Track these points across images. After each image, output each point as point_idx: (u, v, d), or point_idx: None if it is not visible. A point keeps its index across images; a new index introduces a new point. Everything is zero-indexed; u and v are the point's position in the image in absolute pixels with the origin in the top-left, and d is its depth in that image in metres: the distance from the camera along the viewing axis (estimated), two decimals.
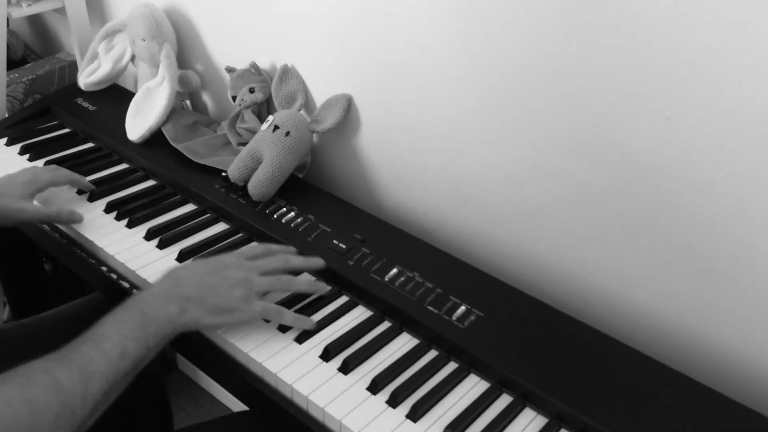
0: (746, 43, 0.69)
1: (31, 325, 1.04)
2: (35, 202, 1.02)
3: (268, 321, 0.84)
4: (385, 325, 0.86)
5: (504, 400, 0.77)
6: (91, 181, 1.09)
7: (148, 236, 0.98)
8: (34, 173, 1.01)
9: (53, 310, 1.07)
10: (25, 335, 1.01)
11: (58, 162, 1.15)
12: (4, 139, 1.21)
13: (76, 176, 1.06)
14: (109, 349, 0.70)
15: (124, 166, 1.16)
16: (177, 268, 0.82)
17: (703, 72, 0.72)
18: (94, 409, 0.68)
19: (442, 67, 0.94)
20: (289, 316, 0.83)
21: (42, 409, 0.63)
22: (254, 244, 0.88)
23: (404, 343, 0.84)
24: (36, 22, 1.71)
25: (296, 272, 0.89)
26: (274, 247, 0.89)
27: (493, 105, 0.91)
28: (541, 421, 0.75)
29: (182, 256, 0.95)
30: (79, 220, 1.00)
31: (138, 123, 1.17)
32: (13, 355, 0.98)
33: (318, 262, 0.89)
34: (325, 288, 0.88)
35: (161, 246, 0.97)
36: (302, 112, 1.11)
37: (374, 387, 0.77)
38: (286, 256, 0.87)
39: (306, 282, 0.88)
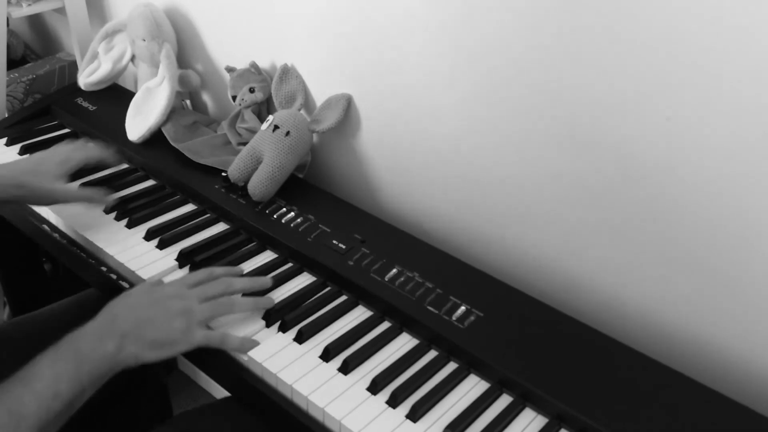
0: (746, 43, 0.69)
1: (25, 322, 1.04)
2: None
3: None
4: (385, 325, 0.86)
5: (504, 400, 0.77)
6: (90, 182, 1.09)
7: (148, 236, 0.98)
8: (67, 154, 1.01)
9: (48, 307, 1.07)
10: (19, 333, 1.01)
11: None
12: (4, 139, 1.21)
13: (106, 153, 1.07)
14: (40, 390, 0.67)
15: (124, 165, 1.16)
16: (114, 303, 0.79)
17: (703, 72, 0.72)
18: None
19: (443, 68, 0.94)
20: (233, 341, 0.80)
21: None
22: (197, 271, 0.86)
23: (404, 343, 0.84)
24: (36, 22, 1.71)
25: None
26: (216, 270, 0.87)
27: (493, 105, 0.91)
28: (541, 421, 0.75)
29: (182, 257, 0.95)
30: (114, 201, 1.00)
31: (138, 123, 1.17)
32: (8, 352, 0.98)
33: (265, 281, 0.88)
34: (271, 302, 0.86)
35: (161, 246, 0.97)
36: (302, 111, 1.11)
37: (374, 387, 0.77)
38: (228, 279, 0.85)
39: (249, 302, 0.85)
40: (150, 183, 1.12)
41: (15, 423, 0.64)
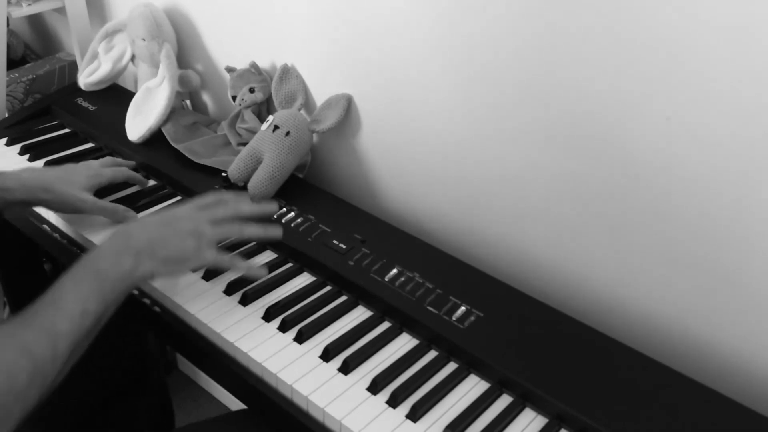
0: (746, 43, 0.69)
1: None
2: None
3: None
4: (385, 325, 0.86)
5: (504, 400, 0.77)
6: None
7: None
8: (97, 169, 1.03)
9: None
10: None
11: (59, 161, 1.15)
12: (4, 139, 1.21)
13: (134, 174, 1.08)
14: (70, 309, 0.71)
15: (150, 183, 1.15)
16: (126, 224, 0.84)
17: (703, 72, 0.72)
18: (62, 368, 0.70)
19: (443, 67, 0.94)
20: (242, 266, 0.85)
21: (15, 372, 0.64)
22: (207, 195, 0.89)
23: (404, 343, 0.84)
24: (36, 22, 1.71)
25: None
26: (226, 195, 0.90)
27: (493, 105, 0.91)
28: (541, 421, 0.75)
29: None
30: (133, 216, 1.01)
31: (138, 123, 1.17)
32: None
33: (272, 208, 0.92)
34: (278, 231, 0.89)
35: None
36: (302, 112, 1.11)
37: (374, 387, 0.77)
38: (236, 204, 0.88)
39: (257, 228, 0.88)
40: (150, 183, 1.12)
41: (53, 342, 0.68)
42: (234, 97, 1.16)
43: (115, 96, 1.31)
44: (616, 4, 0.75)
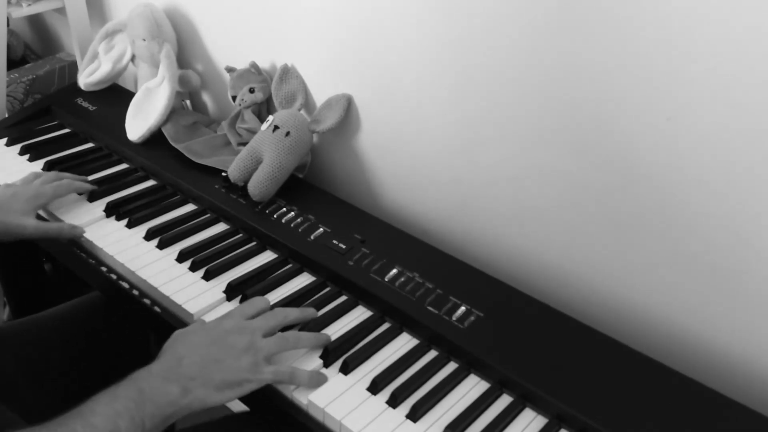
0: (746, 43, 0.69)
1: (29, 324, 1.04)
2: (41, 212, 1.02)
3: None
4: (385, 325, 0.86)
5: (504, 400, 0.77)
6: (91, 182, 1.09)
7: (148, 236, 0.98)
8: (36, 190, 1.00)
9: (52, 309, 1.07)
10: (23, 334, 1.01)
11: (59, 162, 1.15)
12: (4, 139, 1.21)
13: (77, 184, 1.05)
14: (98, 424, 0.64)
15: (124, 166, 1.16)
16: (176, 343, 0.75)
17: (703, 72, 0.72)
18: None
19: (443, 68, 0.94)
20: (303, 378, 0.77)
21: None
22: (251, 301, 0.83)
23: (404, 343, 0.84)
24: (36, 22, 1.71)
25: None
26: (268, 300, 0.85)
27: (493, 105, 0.91)
28: (541, 421, 0.75)
29: (182, 256, 0.94)
30: (80, 234, 0.98)
31: (138, 123, 1.17)
32: (11, 354, 0.98)
33: (312, 312, 0.85)
34: (328, 339, 0.82)
35: (161, 246, 0.97)
36: (302, 112, 1.11)
37: (374, 387, 0.77)
38: (284, 310, 0.82)
39: (311, 337, 0.81)
40: (150, 183, 1.12)
41: None
42: (234, 97, 1.16)
43: (115, 96, 1.31)
44: (616, 4, 0.75)
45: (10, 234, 0.95)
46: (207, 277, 0.91)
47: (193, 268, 0.93)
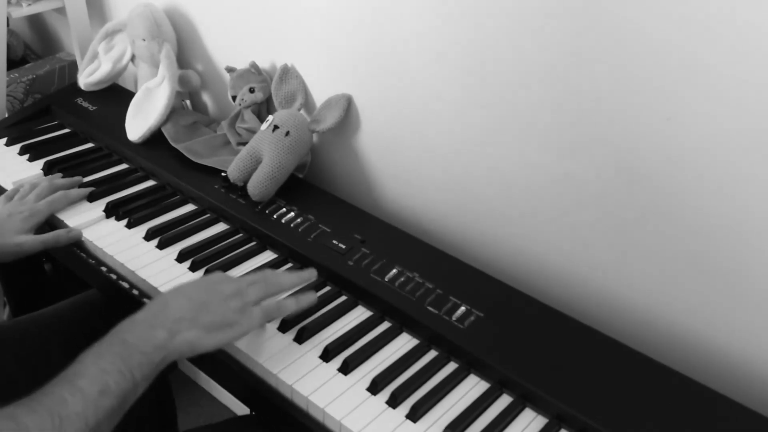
0: (746, 44, 0.69)
1: (29, 322, 1.04)
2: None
3: None
4: (385, 325, 0.86)
5: (504, 400, 0.77)
6: (91, 182, 1.09)
7: (148, 236, 0.98)
8: (30, 208, 0.99)
9: (50, 308, 1.07)
10: (23, 333, 1.01)
11: (58, 162, 1.15)
12: (4, 139, 1.21)
13: (71, 196, 1.04)
14: (85, 386, 0.63)
15: (124, 166, 1.16)
16: (163, 293, 0.75)
17: (703, 72, 0.72)
18: None
19: (443, 68, 0.94)
20: (290, 305, 0.79)
21: None
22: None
23: (404, 343, 0.84)
24: (36, 22, 1.71)
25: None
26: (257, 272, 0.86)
27: (493, 106, 0.91)
28: (541, 421, 0.75)
29: (182, 256, 0.94)
30: (77, 237, 0.98)
31: (138, 123, 1.17)
32: (9, 352, 0.98)
33: (311, 273, 0.86)
34: (314, 275, 0.84)
35: (161, 246, 0.97)
36: (302, 111, 1.11)
37: (374, 387, 0.77)
38: (275, 273, 0.83)
39: (295, 276, 0.84)
40: (150, 183, 1.12)
41: (57, 425, 0.60)
42: (234, 97, 1.16)
43: (115, 96, 1.31)
44: (616, 5, 0.75)
45: (8, 254, 0.95)
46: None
47: (193, 268, 0.93)
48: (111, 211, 1.03)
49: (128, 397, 0.66)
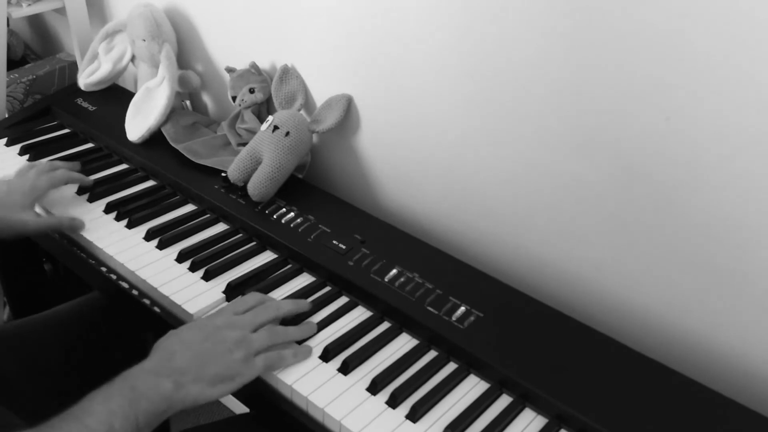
0: (746, 44, 0.69)
1: (29, 324, 1.04)
2: (38, 209, 1.02)
3: None
4: (385, 325, 0.86)
5: (504, 400, 0.77)
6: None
7: (148, 236, 0.98)
8: (32, 182, 1.00)
9: (52, 310, 1.07)
10: (23, 335, 1.01)
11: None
12: (4, 139, 1.21)
13: (73, 175, 1.06)
14: (92, 425, 0.64)
15: (124, 166, 1.16)
16: (167, 340, 0.75)
17: (703, 72, 0.72)
18: None
19: (443, 67, 0.94)
20: (290, 357, 0.78)
21: None
22: (243, 297, 0.84)
23: (404, 343, 0.84)
24: (36, 22, 1.71)
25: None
26: (262, 295, 0.85)
27: (493, 105, 0.91)
28: (541, 421, 0.75)
29: (182, 257, 0.94)
30: (80, 226, 0.99)
31: (138, 123, 1.17)
32: (11, 354, 0.98)
33: (305, 303, 0.86)
34: (314, 329, 0.84)
35: (161, 246, 0.97)
36: (302, 112, 1.11)
37: (374, 387, 0.77)
38: (275, 303, 0.83)
39: (299, 329, 0.83)
40: (150, 183, 1.12)
41: None
42: (234, 98, 1.16)
43: (115, 96, 1.31)
44: (616, 5, 0.75)
45: (12, 229, 0.95)
46: (207, 277, 0.91)
47: (193, 269, 0.93)
48: (111, 211, 1.03)
49: None
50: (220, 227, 1.02)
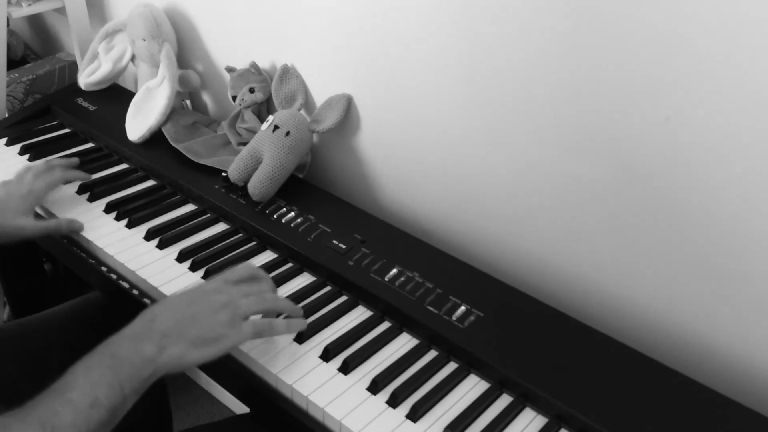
0: (745, 44, 0.69)
1: (29, 324, 1.04)
2: (38, 210, 1.01)
3: None
4: (385, 325, 0.86)
5: (504, 400, 0.77)
6: (91, 182, 1.09)
7: (148, 236, 0.98)
8: (29, 186, 0.99)
9: (52, 309, 1.07)
10: (23, 334, 1.02)
11: None
12: (4, 139, 1.21)
13: (69, 173, 1.05)
14: (75, 398, 0.63)
15: (124, 166, 1.16)
16: (152, 307, 0.74)
17: (703, 72, 0.72)
18: None
19: (443, 67, 0.94)
20: (280, 325, 0.78)
21: None
22: (237, 267, 0.82)
23: (404, 343, 0.84)
24: (36, 22, 1.71)
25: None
26: (258, 270, 0.83)
27: (493, 105, 0.91)
28: (541, 421, 0.75)
29: (182, 256, 0.94)
30: (79, 228, 0.98)
31: (138, 123, 1.17)
32: (11, 354, 0.98)
33: (298, 312, 0.83)
34: (301, 316, 0.83)
35: (161, 246, 0.97)
36: (302, 112, 1.11)
37: (374, 387, 0.77)
38: (270, 281, 0.82)
39: (289, 304, 0.83)
40: (150, 183, 1.12)
41: None
42: (234, 97, 1.16)
43: (115, 96, 1.31)
44: (616, 5, 0.75)
45: (9, 236, 0.94)
46: (207, 276, 0.91)
47: (193, 268, 0.93)
48: (111, 211, 1.03)
49: (118, 410, 0.66)
50: (221, 227, 1.03)
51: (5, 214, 0.95)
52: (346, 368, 0.79)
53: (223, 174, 1.06)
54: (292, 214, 1.00)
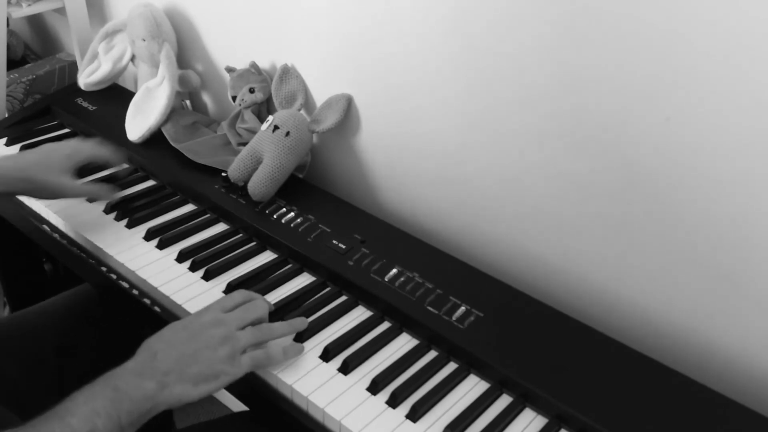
0: (745, 44, 0.69)
1: (21, 317, 1.04)
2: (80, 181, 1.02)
3: None
4: (385, 325, 0.86)
5: (504, 400, 0.77)
6: (90, 182, 1.09)
7: (148, 236, 0.98)
8: (74, 146, 1.00)
9: (43, 302, 1.06)
10: (15, 327, 1.01)
11: None
12: (4, 139, 1.21)
13: (113, 154, 1.06)
14: (75, 424, 0.64)
15: (124, 166, 1.16)
16: (151, 340, 0.74)
17: (703, 72, 0.72)
18: None
19: (443, 67, 0.94)
20: (278, 355, 0.78)
21: None
22: (231, 294, 0.82)
23: (404, 343, 0.84)
24: (36, 22, 1.71)
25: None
26: (251, 293, 0.84)
27: (492, 105, 0.91)
28: (541, 421, 0.75)
29: (182, 256, 0.94)
30: (116, 197, 1.01)
31: (138, 123, 1.17)
32: (3, 347, 0.97)
33: (299, 323, 0.83)
34: (305, 324, 0.83)
35: (161, 246, 0.97)
36: (302, 112, 1.11)
37: (374, 387, 0.77)
38: (264, 303, 0.82)
39: (285, 325, 0.82)
40: (150, 183, 1.12)
41: None
42: (234, 97, 1.16)
43: (115, 96, 1.31)
44: (617, 5, 0.75)
45: (51, 192, 0.96)
46: (207, 277, 0.91)
47: (193, 268, 0.93)
48: (111, 211, 1.03)
49: None
50: (221, 227, 1.03)
51: (49, 170, 0.95)
52: (346, 368, 0.79)
53: (223, 174, 1.06)
54: (292, 214, 1.00)
